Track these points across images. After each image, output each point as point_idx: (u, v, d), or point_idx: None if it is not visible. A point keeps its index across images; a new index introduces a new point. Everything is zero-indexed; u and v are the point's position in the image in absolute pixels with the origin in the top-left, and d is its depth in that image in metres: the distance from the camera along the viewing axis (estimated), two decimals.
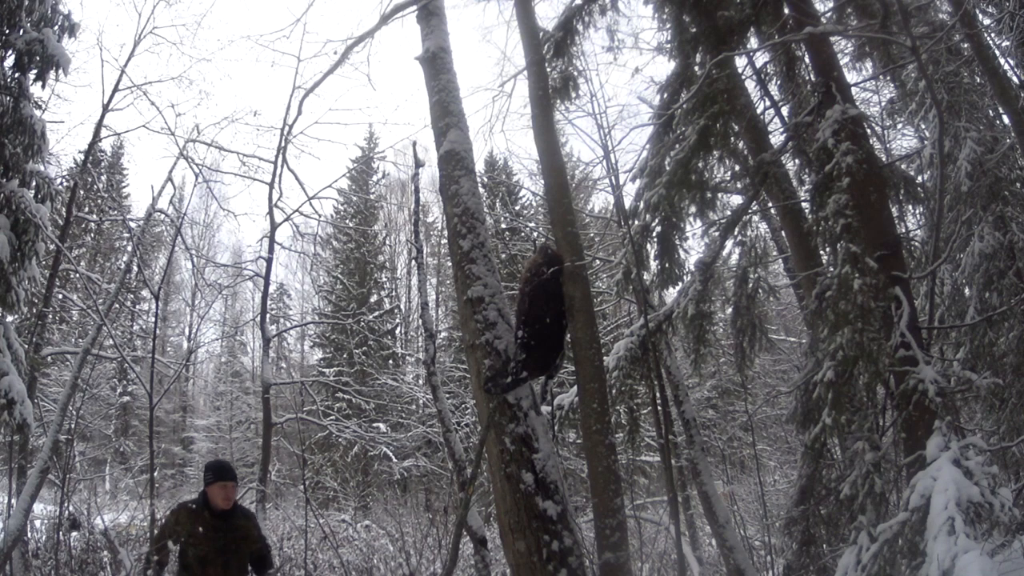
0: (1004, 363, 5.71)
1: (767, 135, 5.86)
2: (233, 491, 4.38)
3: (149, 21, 10.44)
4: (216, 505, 4.26)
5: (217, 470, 4.37)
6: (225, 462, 4.65)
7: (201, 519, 4.20)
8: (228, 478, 4.32)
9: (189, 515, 4.22)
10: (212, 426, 26.69)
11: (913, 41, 4.14)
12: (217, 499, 4.26)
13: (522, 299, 4.34)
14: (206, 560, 4.13)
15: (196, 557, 4.12)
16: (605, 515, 3.98)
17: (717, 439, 12.64)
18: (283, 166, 10.12)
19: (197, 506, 4.29)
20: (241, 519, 4.40)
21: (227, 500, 4.29)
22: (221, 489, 4.27)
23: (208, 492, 4.29)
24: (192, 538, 4.11)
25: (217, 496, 4.27)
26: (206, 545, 4.14)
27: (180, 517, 4.25)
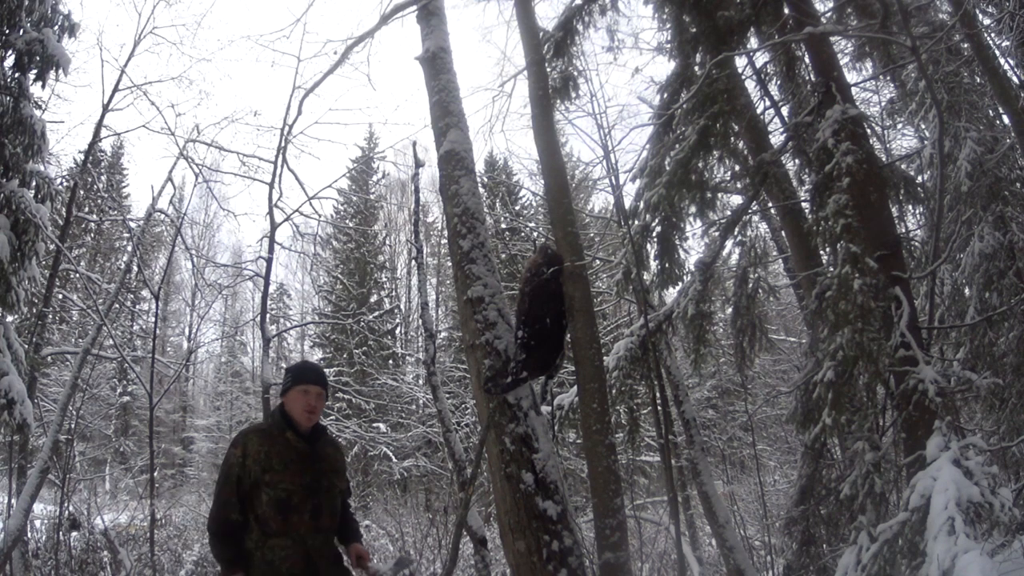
0: (1004, 363, 5.71)
1: (767, 135, 5.87)
2: (321, 402, 3.03)
3: (149, 21, 10.44)
4: (298, 423, 2.94)
5: (298, 371, 3.05)
6: (311, 362, 3.34)
7: (279, 445, 2.86)
8: (312, 380, 2.99)
9: (262, 441, 2.86)
10: (212, 426, 26.70)
11: (913, 41, 4.14)
12: (296, 410, 2.94)
13: (522, 299, 4.34)
14: (289, 505, 2.77)
15: (274, 502, 2.76)
16: (605, 515, 3.98)
17: (717, 439, 12.64)
18: (283, 166, 10.09)
19: (272, 427, 2.94)
20: (329, 446, 3.08)
21: (311, 413, 2.96)
22: (303, 396, 2.95)
23: (285, 403, 2.98)
24: (269, 474, 2.78)
25: (296, 406, 2.94)
26: (289, 482, 2.79)
27: (249, 446, 2.83)
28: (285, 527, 2.78)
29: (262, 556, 2.77)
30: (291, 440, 2.90)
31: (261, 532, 2.78)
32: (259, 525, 2.78)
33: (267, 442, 2.86)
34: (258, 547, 2.77)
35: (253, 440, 2.86)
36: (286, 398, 3.00)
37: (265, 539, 2.77)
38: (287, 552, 2.77)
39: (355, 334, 18.67)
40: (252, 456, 2.81)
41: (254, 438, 2.87)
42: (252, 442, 2.85)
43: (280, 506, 2.77)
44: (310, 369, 3.12)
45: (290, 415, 2.95)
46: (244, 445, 2.84)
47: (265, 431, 2.94)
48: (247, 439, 2.87)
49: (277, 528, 2.77)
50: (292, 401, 2.96)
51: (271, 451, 2.83)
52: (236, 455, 2.83)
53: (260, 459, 2.80)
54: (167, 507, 12.96)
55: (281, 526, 2.77)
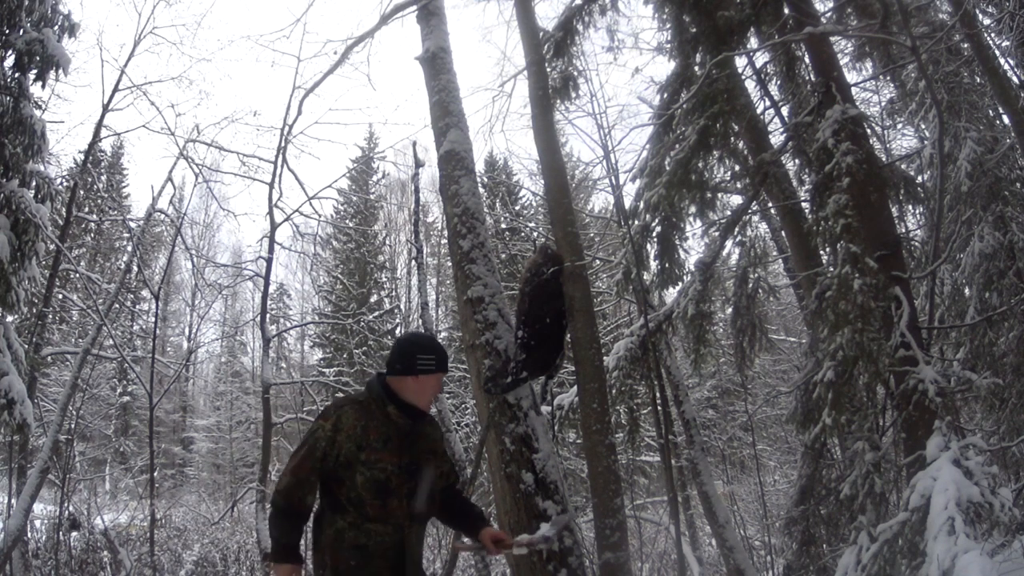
0: (1004, 363, 5.71)
1: (767, 135, 5.87)
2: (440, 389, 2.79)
3: (149, 21, 10.43)
4: (411, 401, 2.59)
5: (442, 357, 2.64)
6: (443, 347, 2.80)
7: (378, 420, 2.52)
8: (446, 368, 2.67)
9: (358, 414, 2.51)
10: (212, 426, 26.71)
11: (913, 41, 4.14)
12: (424, 396, 2.60)
13: (522, 299, 4.34)
14: (387, 487, 2.46)
15: (372, 484, 2.44)
16: (605, 515, 3.98)
17: (717, 439, 12.64)
18: (283, 166, 10.09)
19: (371, 399, 2.57)
20: (429, 425, 2.72)
21: (432, 399, 2.70)
22: (437, 383, 2.64)
23: (399, 383, 2.58)
24: (366, 452, 2.45)
25: (421, 390, 2.58)
26: (388, 461, 2.47)
27: (343, 419, 2.48)
28: (383, 512, 2.45)
29: (354, 539, 2.43)
30: (392, 415, 2.53)
31: (358, 514, 2.44)
32: (353, 507, 2.45)
33: (364, 416, 2.50)
34: (352, 527, 2.44)
35: (348, 413, 2.49)
36: (416, 379, 2.57)
37: (361, 522, 2.44)
38: (383, 539, 2.45)
39: (355, 334, 18.66)
40: (346, 431, 2.45)
41: (349, 411, 2.50)
42: (347, 415, 2.48)
43: (378, 488, 2.44)
44: (445, 354, 2.70)
45: (402, 394, 2.56)
46: (337, 418, 2.47)
47: (362, 404, 2.55)
48: (341, 411, 2.50)
49: (375, 513, 2.43)
50: (423, 385, 2.58)
51: (369, 426, 2.48)
52: (326, 428, 2.45)
53: (355, 434, 2.45)
54: (167, 507, 12.97)
55: (379, 511, 2.44)
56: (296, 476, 2.45)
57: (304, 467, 2.45)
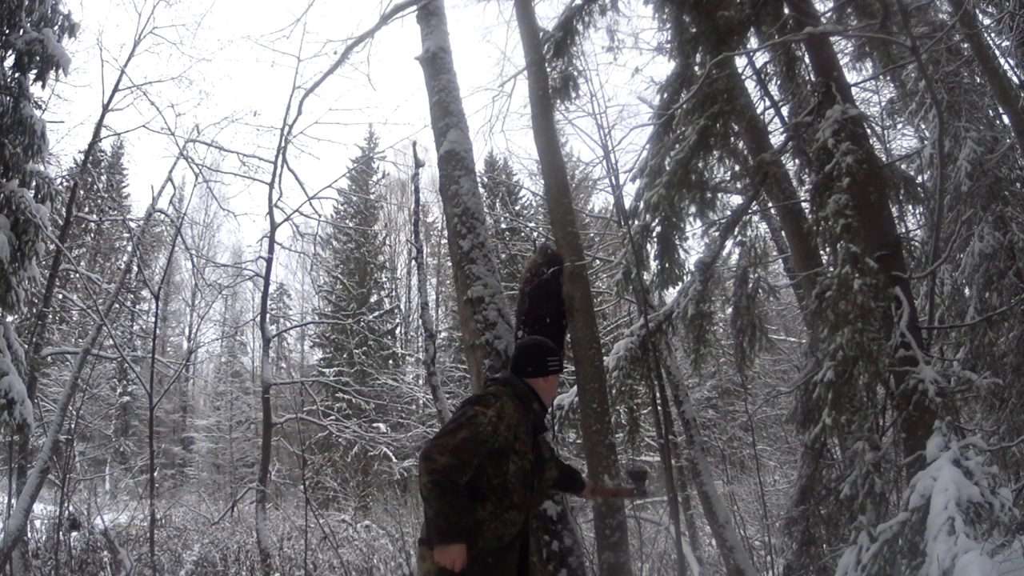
0: (1004, 363, 5.71)
1: (767, 135, 5.87)
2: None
3: (149, 21, 10.42)
4: (548, 404, 2.90)
5: (561, 355, 2.98)
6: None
7: (527, 415, 2.74)
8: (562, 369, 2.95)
9: (516, 407, 2.68)
10: (212, 426, 26.69)
11: (913, 41, 4.14)
12: (551, 394, 2.90)
13: (522, 299, 4.34)
14: (529, 478, 2.66)
15: (521, 473, 2.62)
16: (605, 515, 3.98)
17: (717, 439, 12.62)
18: (283, 166, 10.11)
19: (520, 396, 2.75)
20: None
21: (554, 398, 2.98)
22: (556, 381, 2.92)
23: (534, 384, 2.83)
24: (519, 443, 2.63)
25: (549, 389, 2.87)
26: (530, 454, 2.69)
27: (506, 409, 2.63)
28: (524, 501, 2.62)
29: (495, 530, 2.54)
30: (536, 411, 2.77)
31: (499, 503, 2.55)
32: (497, 496, 2.55)
33: (520, 409, 2.68)
34: (493, 518, 2.54)
35: (509, 405, 2.63)
36: (547, 379, 2.84)
37: (502, 511, 2.56)
38: (516, 528, 2.61)
39: (355, 334, 18.67)
40: (507, 421, 2.58)
41: (510, 403, 2.64)
42: (509, 406, 2.63)
43: (525, 478, 2.61)
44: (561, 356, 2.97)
45: (541, 395, 2.82)
46: (501, 408, 2.59)
47: (518, 397, 2.72)
48: (504, 402, 2.62)
49: (518, 501, 2.59)
50: (549, 385, 2.85)
51: (522, 419, 2.66)
52: (490, 416, 2.55)
53: (514, 425, 2.60)
54: (167, 507, 12.96)
55: (522, 499, 2.61)
56: (459, 457, 2.46)
57: (467, 449, 2.48)
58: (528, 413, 2.72)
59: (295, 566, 8.47)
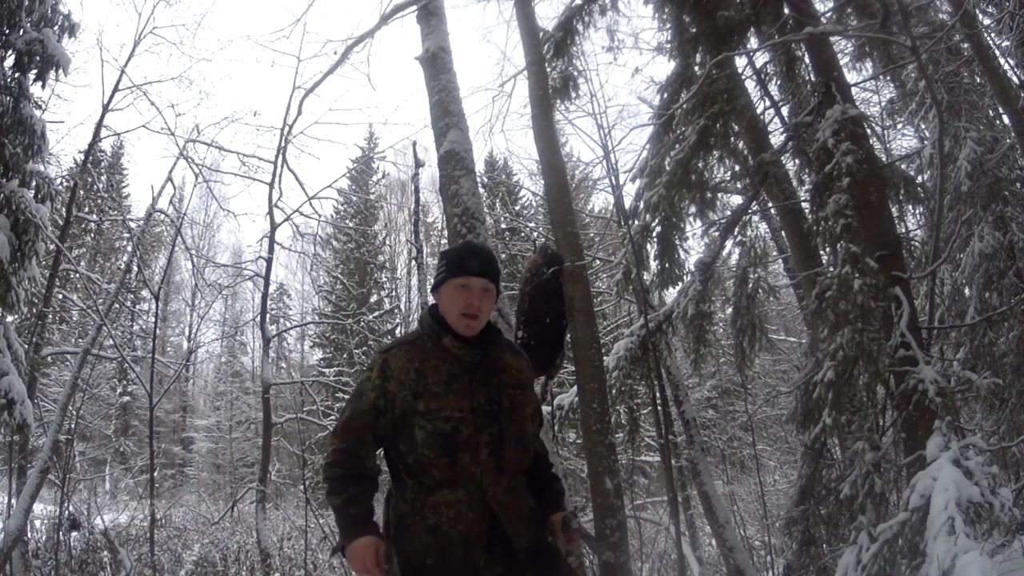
0: (1004, 363, 5.71)
1: (767, 135, 5.87)
2: (488, 302, 2.10)
3: (149, 21, 10.43)
4: (458, 328, 2.06)
5: (454, 258, 2.17)
6: (475, 244, 2.48)
7: (435, 358, 2.03)
8: (474, 270, 2.09)
9: (409, 355, 2.03)
10: (212, 426, 26.70)
11: (913, 41, 4.14)
12: (451, 314, 2.07)
13: (522, 299, 4.34)
14: (456, 440, 1.94)
15: (435, 438, 1.94)
16: (605, 515, 3.98)
17: (717, 439, 12.63)
18: (283, 166, 10.12)
19: (423, 335, 2.10)
20: (508, 352, 2.17)
21: (471, 319, 2.05)
22: (459, 294, 2.06)
23: (439, 303, 2.13)
24: (424, 400, 1.96)
25: (452, 307, 2.07)
26: (454, 407, 1.96)
27: (391, 363, 2.02)
28: (454, 472, 1.93)
29: (423, 520, 1.92)
30: (451, 347, 2.03)
31: (419, 486, 1.95)
32: (414, 477, 1.96)
33: (417, 356, 2.02)
34: (416, 508, 1.94)
35: (397, 356, 2.01)
36: (438, 295, 2.13)
37: (426, 495, 1.94)
38: (460, 509, 1.92)
39: (355, 334, 18.66)
40: (397, 377, 1.97)
41: (398, 353, 2.03)
42: (395, 358, 2.01)
43: (444, 442, 1.93)
44: (471, 254, 2.15)
45: (448, 318, 2.08)
46: (383, 364, 2.01)
47: (412, 342, 2.07)
48: (387, 355, 2.03)
49: (443, 476, 1.93)
50: (445, 300, 2.10)
51: (424, 367, 1.99)
52: (372, 378, 2.00)
53: (409, 380, 1.97)
54: (167, 507, 12.97)
55: (448, 471, 1.92)
56: (344, 439, 2.00)
57: (351, 427, 2.00)
58: (442, 353, 2.02)
59: (295, 566, 8.47)
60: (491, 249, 2.23)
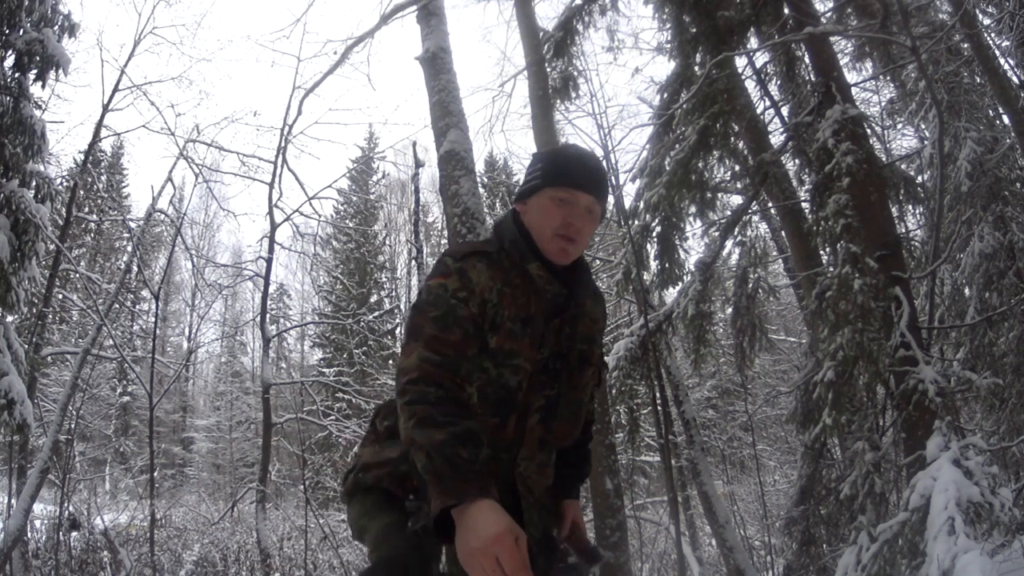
0: (1004, 363, 5.71)
1: (767, 135, 5.88)
2: (590, 225, 1.60)
3: (149, 21, 10.42)
4: (547, 253, 1.56)
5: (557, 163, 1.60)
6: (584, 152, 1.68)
7: (516, 286, 1.54)
8: (582, 183, 1.57)
9: (491, 272, 1.52)
10: (212, 426, 26.70)
11: (913, 41, 4.14)
12: (545, 232, 1.56)
13: None
14: (515, 400, 1.52)
15: (496, 389, 1.50)
16: (605, 515, 3.98)
17: (717, 439, 12.63)
18: (283, 166, 10.12)
19: (506, 252, 1.58)
20: (591, 296, 1.70)
21: (569, 242, 1.56)
22: (558, 208, 1.55)
23: (524, 216, 1.63)
24: (496, 336, 1.49)
25: (545, 223, 1.56)
26: (525, 355, 1.51)
27: (470, 278, 1.48)
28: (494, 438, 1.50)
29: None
30: (536, 277, 1.54)
31: None
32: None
33: (498, 275, 1.51)
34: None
35: (478, 269, 1.49)
36: (525, 206, 1.61)
37: None
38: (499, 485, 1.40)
39: (355, 334, 18.67)
40: (479, 295, 1.46)
41: (478, 265, 1.49)
42: (476, 271, 1.48)
43: (503, 398, 1.49)
44: (579, 162, 1.59)
45: (540, 239, 1.56)
46: (460, 273, 1.47)
47: (490, 256, 1.53)
48: (464, 264, 1.49)
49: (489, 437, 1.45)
50: (535, 214, 1.57)
51: (504, 292, 1.50)
52: (449, 287, 1.45)
53: (490, 304, 1.47)
54: (167, 507, 12.96)
55: (491, 434, 1.48)
56: (439, 350, 1.37)
57: (448, 337, 1.38)
58: (523, 281, 1.53)
59: (295, 566, 8.47)
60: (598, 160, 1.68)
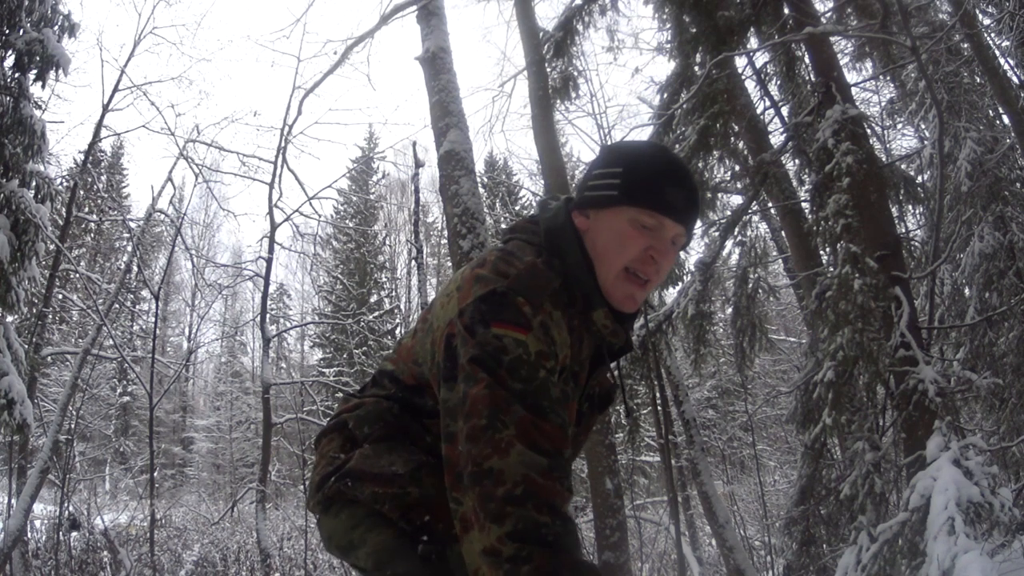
0: (1004, 363, 5.70)
1: (767, 135, 5.88)
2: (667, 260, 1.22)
3: (149, 21, 10.44)
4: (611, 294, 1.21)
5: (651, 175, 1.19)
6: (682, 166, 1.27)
7: (578, 335, 1.21)
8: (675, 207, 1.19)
9: (563, 323, 1.14)
10: (212, 426, 26.70)
11: (913, 41, 4.14)
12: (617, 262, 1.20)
13: None
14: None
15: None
16: (605, 515, 3.98)
17: (717, 439, 12.64)
18: (283, 166, 10.12)
19: (564, 291, 1.17)
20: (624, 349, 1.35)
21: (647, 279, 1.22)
22: (641, 236, 1.19)
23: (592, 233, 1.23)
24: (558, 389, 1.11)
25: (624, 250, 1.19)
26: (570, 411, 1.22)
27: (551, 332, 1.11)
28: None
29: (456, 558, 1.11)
30: (601, 327, 1.25)
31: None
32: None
33: (565, 322, 1.17)
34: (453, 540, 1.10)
35: (557, 322, 1.15)
36: (591, 220, 1.26)
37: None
38: None
39: (355, 334, 18.66)
40: (562, 361, 1.16)
41: (556, 314, 1.15)
42: (558, 328, 1.15)
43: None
44: (677, 179, 1.23)
45: (606, 281, 1.23)
46: (545, 331, 1.12)
47: (557, 295, 1.17)
48: (548, 317, 1.13)
49: None
50: (607, 237, 1.23)
51: (576, 341, 1.22)
52: (537, 351, 1.10)
53: (561, 362, 1.16)
54: (167, 507, 12.96)
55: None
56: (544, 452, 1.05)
57: (548, 433, 1.06)
58: (583, 327, 1.24)
59: (295, 566, 8.47)
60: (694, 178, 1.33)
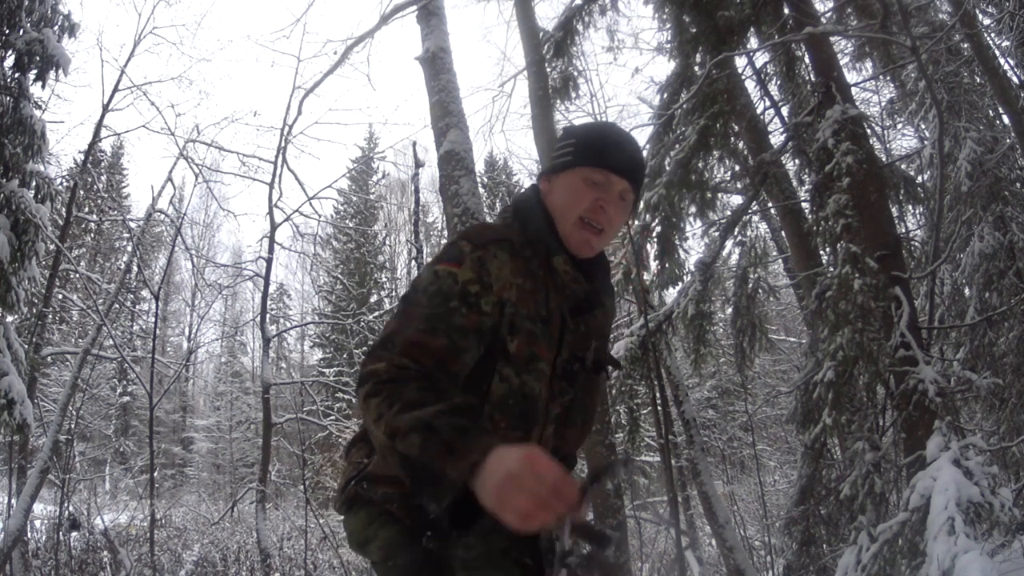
0: (1004, 363, 5.71)
1: (767, 135, 5.88)
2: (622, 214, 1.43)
3: (149, 21, 10.42)
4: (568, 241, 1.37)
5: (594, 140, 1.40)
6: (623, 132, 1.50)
7: (534, 280, 1.33)
8: (616, 165, 1.36)
9: (513, 266, 1.30)
10: (212, 426, 26.70)
11: (913, 41, 4.14)
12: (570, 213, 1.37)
13: None
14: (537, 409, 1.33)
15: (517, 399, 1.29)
16: (605, 515, 3.98)
17: (717, 439, 12.64)
18: (283, 166, 10.12)
19: (528, 241, 1.36)
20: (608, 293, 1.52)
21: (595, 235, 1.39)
22: (590, 190, 1.36)
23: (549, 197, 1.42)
24: (519, 339, 1.28)
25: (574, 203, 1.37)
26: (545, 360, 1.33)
27: (489, 270, 1.26)
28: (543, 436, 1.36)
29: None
30: (561, 272, 1.36)
31: None
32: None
33: (519, 268, 1.30)
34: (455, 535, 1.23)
35: (500, 260, 1.28)
36: (549, 182, 1.42)
37: None
38: None
39: (355, 334, 18.65)
40: (497, 292, 1.26)
41: (500, 255, 1.28)
42: (498, 263, 1.27)
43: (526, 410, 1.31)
44: (617, 142, 1.40)
45: (563, 230, 1.37)
46: (479, 264, 1.26)
47: (512, 243, 1.32)
48: (484, 253, 1.27)
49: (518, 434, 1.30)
50: (561, 194, 1.38)
51: (524, 288, 1.30)
52: (461, 279, 1.24)
53: (510, 302, 1.27)
54: (167, 507, 12.96)
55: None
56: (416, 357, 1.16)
57: (430, 344, 1.17)
58: (545, 274, 1.34)
59: (295, 566, 8.47)
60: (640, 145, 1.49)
